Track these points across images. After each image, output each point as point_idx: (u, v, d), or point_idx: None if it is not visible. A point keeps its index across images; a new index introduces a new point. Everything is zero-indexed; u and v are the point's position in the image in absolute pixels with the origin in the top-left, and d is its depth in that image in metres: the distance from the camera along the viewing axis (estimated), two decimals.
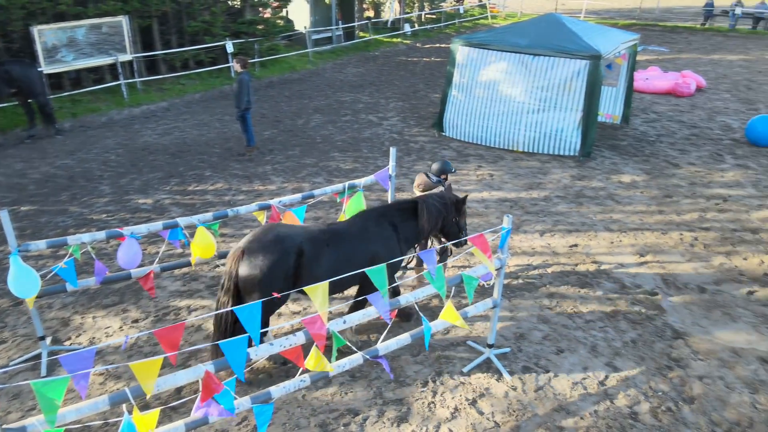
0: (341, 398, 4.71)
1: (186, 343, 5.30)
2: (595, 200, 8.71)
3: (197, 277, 6.55)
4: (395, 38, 22.96)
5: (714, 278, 6.62)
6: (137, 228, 4.98)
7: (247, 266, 4.40)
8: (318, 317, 3.64)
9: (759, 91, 15.49)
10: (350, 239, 4.85)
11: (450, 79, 11.24)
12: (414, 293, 4.35)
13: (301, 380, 3.92)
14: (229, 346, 3.28)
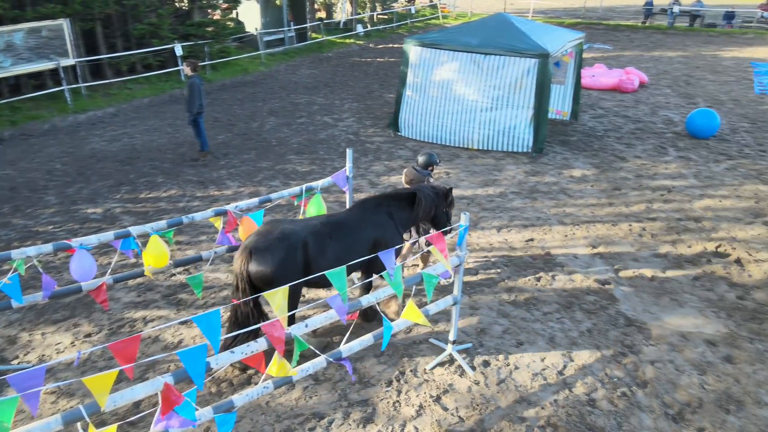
0: (306, 402, 4.68)
1: (143, 355, 5.15)
2: (548, 195, 8.94)
3: (152, 286, 6.37)
4: (348, 39, 22.96)
5: (662, 266, 6.90)
6: (87, 239, 4.80)
7: (257, 264, 4.55)
8: (277, 322, 3.60)
9: (697, 86, 16.24)
10: (351, 230, 5.05)
11: (404, 79, 11.31)
12: (375, 293, 4.36)
13: (264, 387, 3.87)
14: (188, 355, 3.20)
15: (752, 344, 5.45)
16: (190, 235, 7.53)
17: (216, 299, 6.13)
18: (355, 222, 5.12)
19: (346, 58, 20.45)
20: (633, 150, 10.97)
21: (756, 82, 16.51)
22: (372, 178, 9.59)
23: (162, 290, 6.32)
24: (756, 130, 12.13)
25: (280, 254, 4.57)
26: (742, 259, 7.01)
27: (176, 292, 6.27)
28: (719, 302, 6.16)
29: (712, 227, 7.85)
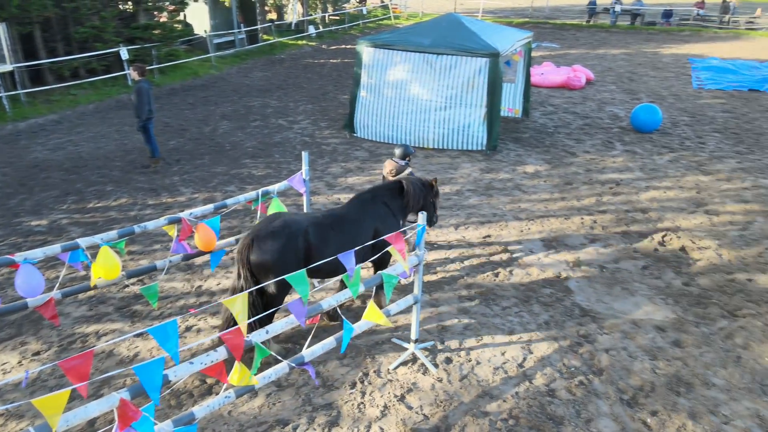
0: (269, 410, 4.62)
1: (96, 371, 4.97)
2: (503, 191, 9.12)
3: (104, 299, 6.16)
4: (300, 40, 22.79)
5: (613, 257, 7.14)
6: (32, 252, 4.59)
7: (258, 252, 4.66)
8: (237, 330, 3.55)
9: (640, 82, 16.89)
10: (351, 221, 5.24)
11: (358, 80, 11.31)
12: (335, 296, 4.34)
13: (225, 396, 3.80)
14: (144, 369, 3.11)
15: (698, 328, 5.71)
16: (143, 245, 7.31)
17: (173, 309, 5.98)
18: (354, 214, 5.31)
19: (299, 59, 20.30)
20: (582, 145, 11.32)
21: (694, 77, 17.36)
22: (329, 180, 9.55)
23: (115, 302, 6.12)
24: (695, 123, 12.71)
25: (280, 243, 4.67)
26: (687, 247, 7.34)
27: (130, 304, 6.08)
28: (667, 289, 6.42)
29: (658, 218, 8.18)
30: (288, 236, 4.72)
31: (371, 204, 5.46)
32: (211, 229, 5.37)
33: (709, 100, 14.72)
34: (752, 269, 6.84)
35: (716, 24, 27.32)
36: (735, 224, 7.97)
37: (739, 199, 8.76)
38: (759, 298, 6.24)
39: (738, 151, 10.89)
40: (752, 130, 12.16)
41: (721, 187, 9.22)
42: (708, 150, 10.98)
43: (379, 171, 9.93)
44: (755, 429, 4.43)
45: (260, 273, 4.71)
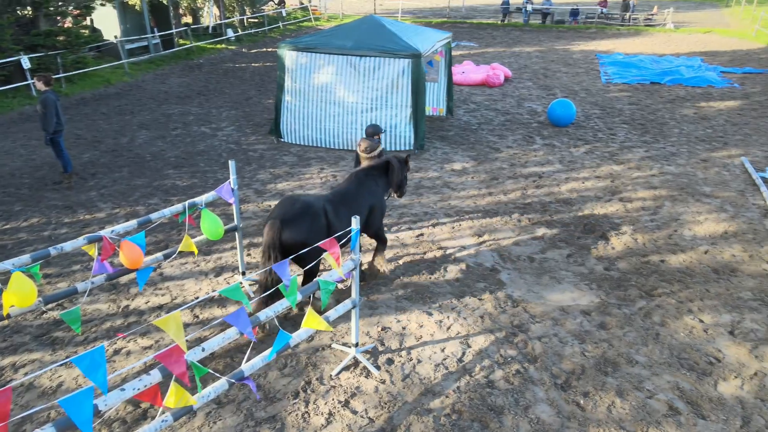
0: (210, 429, 4.47)
1: (17, 407, 4.61)
2: (433, 190, 9.30)
3: (20, 328, 5.72)
4: (219, 44, 22.16)
5: (540, 247, 7.46)
6: None
7: (290, 234, 5.06)
8: (175, 349, 3.40)
9: (554, 78, 17.74)
10: (354, 197, 5.80)
11: (281, 84, 11.16)
12: (272, 307, 4.26)
13: (162, 420, 3.63)
14: (72, 402, 2.92)
15: (620, 310, 6.08)
16: (60, 266, 6.86)
17: (98, 333, 5.65)
18: (355, 191, 5.86)
19: (219, 64, 19.73)
20: (505, 141, 11.74)
21: (602, 72, 18.41)
22: (258, 187, 9.36)
23: (32, 331, 5.70)
24: (605, 116, 13.50)
25: (308, 221, 5.17)
26: (606, 234, 7.79)
27: (50, 331, 5.69)
28: (590, 275, 6.79)
29: (579, 207, 8.63)
30: (313, 216, 5.21)
31: (366, 181, 6.03)
32: (136, 246, 5.12)
33: (616, 94, 15.69)
34: (664, 251, 7.35)
35: (618, 21, 29.14)
36: (646, 209, 8.54)
37: (649, 186, 9.39)
38: (671, 277, 6.73)
39: (645, 141, 11.68)
40: (656, 121, 13.08)
41: (632, 176, 9.85)
42: (618, 141, 11.70)
43: (309, 176, 9.86)
44: (676, 401, 4.77)
45: (292, 253, 5.00)
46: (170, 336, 3.41)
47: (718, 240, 7.62)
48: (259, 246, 7.46)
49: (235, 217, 6.20)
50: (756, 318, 5.94)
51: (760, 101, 14.64)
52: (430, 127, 12.27)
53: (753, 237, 7.68)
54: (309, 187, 9.34)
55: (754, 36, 24.60)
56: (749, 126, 12.59)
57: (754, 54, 21.26)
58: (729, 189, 9.24)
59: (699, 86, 16.25)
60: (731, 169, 10.13)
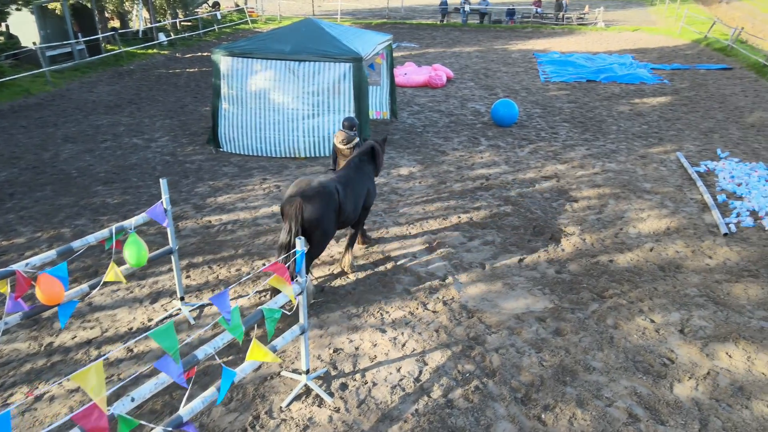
0: None
1: None
2: (380, 197, 9.06)
3: None
4: (150, 49, 21.12)
5: (491, 253, 7.36)
6: None
7: (310, 210, 5.59)
8: (93, 407, 2.99)
9: (494, 78, 17.90)
10: (356, 180, 6.38)
11: (218, 91, 10.64)
12: (212, 342, 3.89)
13: None
14: None
15: (574, 314, 6.03)
16: None
17: (17, 377, 5.08)
18: (354, 176, 6.39)
19: (151, 70, 18.79)
20: (451, 143, 11.65)
21: (540, 71, 18.72)
22: (197, 202, 8.84)
23: None
24: (546, 115, 13.69)
25: (326, 199, 5.71)
26: (555, 236, 7.78)
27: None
28: (542, 279, 6.73)
29: (527, 209, 8.61)
30: (329, 195, 5.75)
31: (361, 167, 6.59)
32: (56, 280, 4.60)
33: (555, 92, 15.97)
34: (611, 250, 7.41)
35: (553, 21, 29.90)
36: (592, 208, 8.61)
37: (593, 184, 9.51)
38: (620, 277, 6.76)
39: (585, 139, 11.88)
40: (594, 119, 13.36)
41: (576, 174, 9.96)
42: (561, 140, 11.85)
43: (252, 187, 9.43)
44: (635, 407, 4.72)
45: (311, 227, 5.66)
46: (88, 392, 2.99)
47: (661, 237, 7.76)
48: (200, 266, 7.01)
49: (170, 238, 5.75)
50: (703, 315, 6.03)
51: (689, 96, 15.24)
52: (375, 131, 12.03)
53: (694, 232, 7.86)
54: (251, 200, 8.92)
55: (678, 33, 25.77)
56: (681, 121, 13.05)
57: (680, 50, 22.24)
58: (667, 184, 9.47)
59: (632, 83, 16.78)
60: (668, 164, 10.42)
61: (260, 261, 7.14)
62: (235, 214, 8.45)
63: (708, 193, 8.90)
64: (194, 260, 7.16)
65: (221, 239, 7.72)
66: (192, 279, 6.74)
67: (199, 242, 7.61)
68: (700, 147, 11.28)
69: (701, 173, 9.87)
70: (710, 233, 7.83)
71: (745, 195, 8.85)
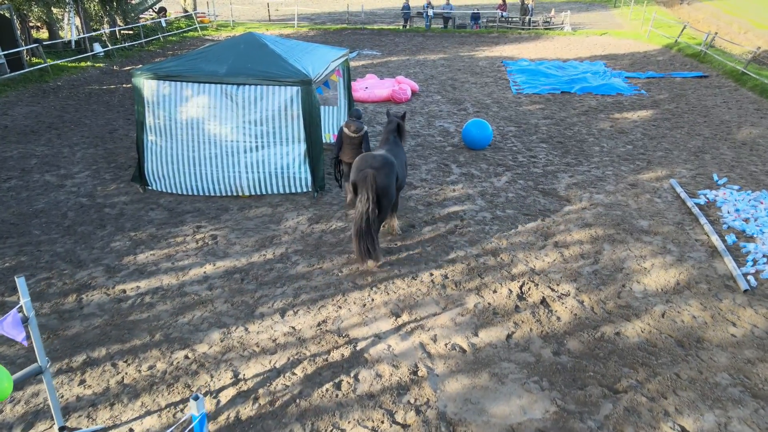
0: None
1: None
2: (337, 248, 7.59)
3: None
4: (83, 62, 19.05)
5: (472, 326, 5.98)
6: None
7: (383, 179, 6.66)
8: None
9: (462, 90, 16.62)
10: (399, 153, 7.40)
11: (142, 121, 8.98)
12: None
13: None
14: None
15: (584, 423, 4.69)
16: None
17: None
18: (396, 149, 7.45)
19: (81, 86, 16.80)
20: (418, 172, 10.25)
21: (511, 81, 17.56)
22: (110, 262, 7.20)
23: None
24: (522, 134, 12.44)
25: (391, 169, 6.77)
26: (547, 298, 6.46)
27: None
28: (538, 366, 5.38)
29: (510, 260, 7.27)
30: (392, 165, 6.80)
31: (397, 141, 7.64)
32: None
33: (529, 106, 14.77)
34: (616, 317, 6.12)
35: (519, 25, 28.94)
36: (586, 257, 7.34)
37: (583, 223, 8.24)
38: (632, 359, 5.47)
39: (567, 164, 10.65)
40: (574, 137, 12.18)
41: (562, 210, 8.69)
42: (540, 164, 10.59)
43: (182, 238, 7.84)
44: None
45: (382, 194, 6.64)
46: None
47: (672, 295, 6.51)
48: (100, 363, 5.41)
49: (38, 355, 4.15)
50: (743, 415, 4.77)
51: (670, 109, 14.25)
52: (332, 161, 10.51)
53: (707, 287, 6.64)
54: (180, 257, 7.32)
55: (647, 38, 25.09)
56: (666, 139, 11.98)
57: (652, 56, 21.46)
58: (666, 221, 8.29)
59: (608, 94, 15.74)
60: (662, 194, 9.25)
61: (181, 352, 5.58)
62: (158, 279, 6.85)
63: (715, 233, 7.74)
64: (94, 354, 5.55)
65: (135, 318, 6.12)
66: (86, 386, 5.13)
67: (104, 324, 6.00)
68: (693, 171, 10.18)
69: (701, 206, 8.73)
70: (727, 288, 6.63)
71: (757, 235, 7.72)
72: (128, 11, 22.36)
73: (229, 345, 5.69)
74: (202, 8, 32.42)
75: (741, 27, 29.55)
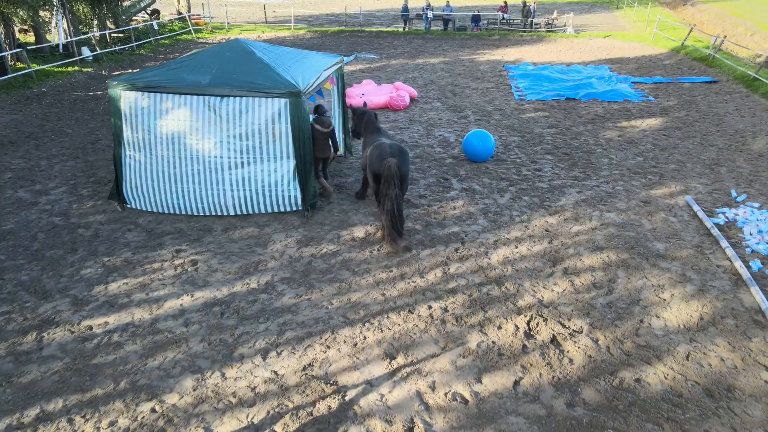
0: None
1: None
2: (327, 275, 6.97)
3: None
4: (70, 67, 18.43)
5: (475, 370, 5.36)
6: None
7: (403, 166, 7.48)
8: None
9: (463, 96, 15.99)
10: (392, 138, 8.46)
11: (119, 135, 8.37)
12: None
13: None
14: None
15: None
16: None
17: None
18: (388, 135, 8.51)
19: (67, 92, 16.18)
20: (416, 187, 9.63)
21: (513, 87, 16.94)
22: (79, 293, 6.58)
23: None
24: (526, 144, 11.82)
25: (407, 155, 7.71)
26: (558, 336, 5.84)
27: None
28: (550, 421, 4.76)
29: (516, 290, 6.65)
30: (407, 153, 7.73)
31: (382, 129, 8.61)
32: None
33: (532, 114, 14.15)
34: (635, 359, 5.50)
35: (521, 27, 28.31)
36: (599, 287, 6.71)
37: (594, 246, 7.62)
38: (656, 412, 4.85)
39: (575, 177, 10.03)
40: (581, 148, 11.55)
41: (571, 230, 8.07)
42: (546, 179, 9.96)
43: (159, 265, 7.23)
44: None
45: (403, 178, 7.46)
46: None
47: (695, 333, 5.89)
48: (56, 417, 4.79)
49: None
50: None
51: (680, 117, 13.63)
52: None
53: (735, 323, 6.02)
54: (155, 287, 6.71)
55: (652, 40, 24.46)
56: (678, 150, 11.35)
57: (659, 60, 20.83)
58: (684, 244, 7.66)
59: (615, 101, 15.11)
60: (677, 212, 8.63)
61: (148, 404, 4.95)
62: (129, 313, 6.23)
63: (738, 259, 7.12)
64: (49, 407, 4.93)
65: (99, 361, 5.50)
66: None
67: (65, 369, 5.38)
68: (709, 186, 9.56)
69: (721, 226, 8.11)
70: (756, 324, 6.01)
71: None
72: (119, 14, 21.72)
73: (202, 395, 5.07)
74: (197, 10, 31.78)
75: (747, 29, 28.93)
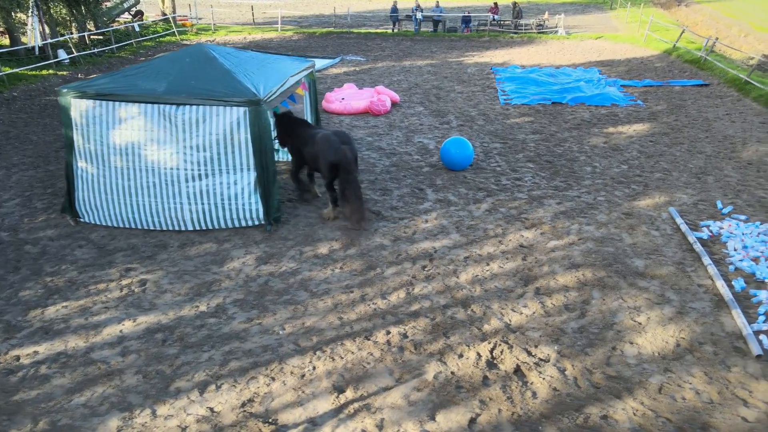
0: None
1: None
2: (284, 297, 6.54)
3: None
4: (45, 70, 17.95)
5: (429, 405, 4.94)
6: None
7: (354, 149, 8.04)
8: None
9: (447, 100, 15.57)
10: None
11: (70, 145, 7.94)
12: None
13: None
14: None
15: None
16: None
17: None
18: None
19: (38, 97, 15.72)
20: (389, 198, 9.20)
21: (499, 90, 16.51)
22: (13, 318, 6.15)
23: None
24: (508, 152, 11.40)
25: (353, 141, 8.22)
26: (522, 366, 5.41)
27: None
28: None
29: (483, 312, 6.23)
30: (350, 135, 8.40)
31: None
32: None
33: (517, 119, 13.72)
34: (603, 392, 5.08)
35: (511, 29, 27.90)
36: (571, 309, 6.29)
37: (569, 264, 7.20)
38: None
39: (555, 187, 9.61)
40: (564, 156, 11.13)
41: (546, 246, 7.65)
42: (526, 188, 9.54)
43: (104, 285, 6.80)
44: None
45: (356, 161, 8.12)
46: None
47: (671, 362, 5.47)
48: None
49: None
50: None
51: (668, 123, 13.21)
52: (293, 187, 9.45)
53: (714, 352, 5.60)
54: (97, 310, 6.27)
55: (644, 42, 24.05)
56: (665, 158, 10.94)
57: (649, 62, 20.42)
58: (665, 261, 7.24)
59: (603, 105, 14.70)
60: (660, 225, 8.21)
61: None
62: (63, 341, 5.79)
63: (720, 278, 6.70)
64: None
65: (21, 397, 5.06)
66: None
67: None
68: (695, 197, 9.14)
69: (704, 241, 7.69)
70: (736, 352, 5.59)
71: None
72: (99, 15, 21.24)
73: None
74: (184, 11, 31.32)
75: (741, 30, 28.55)
